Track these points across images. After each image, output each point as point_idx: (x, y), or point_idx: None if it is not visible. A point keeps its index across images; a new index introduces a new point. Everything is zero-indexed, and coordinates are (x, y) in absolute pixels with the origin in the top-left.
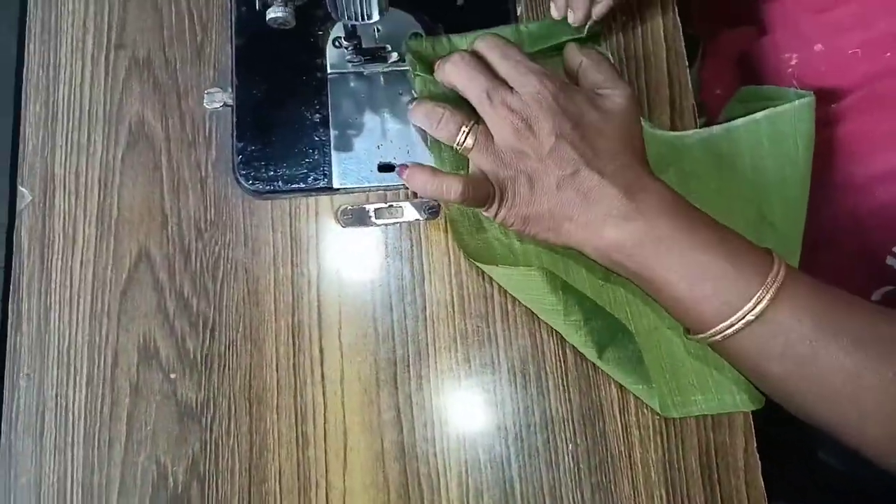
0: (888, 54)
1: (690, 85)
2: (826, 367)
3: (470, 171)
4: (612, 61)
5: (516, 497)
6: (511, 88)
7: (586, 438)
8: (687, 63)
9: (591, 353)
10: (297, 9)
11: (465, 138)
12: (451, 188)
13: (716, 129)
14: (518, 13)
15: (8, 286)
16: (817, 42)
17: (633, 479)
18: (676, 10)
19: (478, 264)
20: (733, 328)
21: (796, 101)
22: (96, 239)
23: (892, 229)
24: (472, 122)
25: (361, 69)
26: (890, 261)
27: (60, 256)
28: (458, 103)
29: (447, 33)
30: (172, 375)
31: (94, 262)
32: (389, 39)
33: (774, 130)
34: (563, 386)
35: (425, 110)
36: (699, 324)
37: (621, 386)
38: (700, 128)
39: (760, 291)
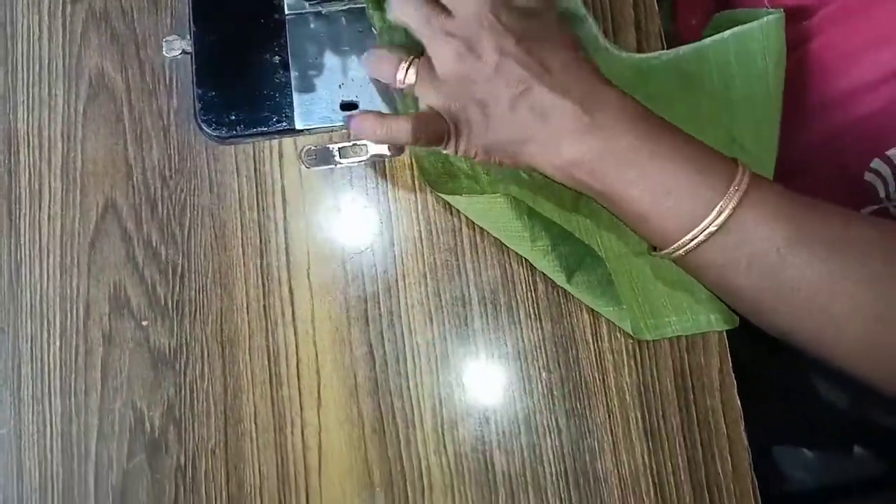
0: None
1: (656, 6)
2: (797, 277)
3: (419, 109)
4: None
5: (491, 426)
6: (450, 13)
7: (559, 365)
8: None
9: (560, 278)
10: None
11: (406, 75)
12: (400, 130)
13: (683, 49)
14: None
15: None
16: None
17: (607, 404)
18: None
19: (444, 196)
20: (696, 241)
21: (764, 18)
22: (62, 192)
23: (869, 142)
24: (411, 57)
25: (319, 8)
26: (869, 177)
27: (28, 211)
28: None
29: None
30: (144, 323)
31: (62, 215)
32: None
33: (742, 49)
34: (535, 314)
35: (366, 56)
36: (663, 239)
37: (593, 312)
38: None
39: (723, 200)
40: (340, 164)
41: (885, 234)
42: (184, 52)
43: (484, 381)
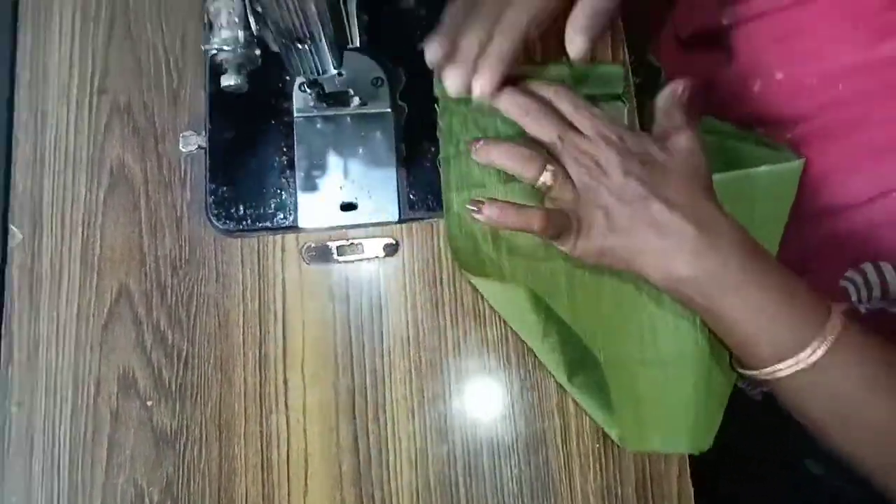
0: (840, 86)
1: (635, 123)
2: (870, 418)
3: (546, 206)
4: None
5: None
6: (580, 132)
7: (530, 465)
8: (634, 98)
9: (561, 376)
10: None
11: (548, 175)
12: (534, 219)
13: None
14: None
15: (0, 320)
16: (778, 70)
17: None
18: (626, 52)
19: (471, 278)
20: (784, 372)
21: (794, 163)
22: (80, 276)
23: (839, 260)
24: (554, 164)
25: (326, 112)
26: (843, 283)
27: (48, 292)
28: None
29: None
30: (149, 403)
31: (79, 297)
32: (351, 83)
33: (767, 192)
34: (510, 416)
35: (507, 150)
36: (754, 362)
37: (563, 416)
38: None
39: (816, 341)
40: (338, 261)
41: None
42: (199, 147)
43: (459, 477)
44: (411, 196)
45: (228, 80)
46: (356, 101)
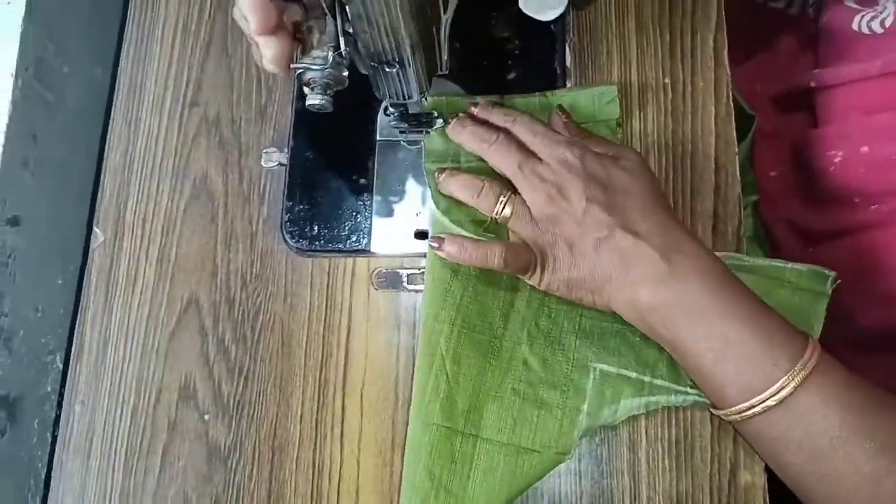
0: None
1: (738, 173)
2: (844, 467)
3: (510, 240)
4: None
5: None
6: (540, 159)
7: None
8: (736, 149)
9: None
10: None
11: (504, 207)
12: (493, 255)
13: (752, 263)
14: (568, 85)
15: (75, 318)
16: (864, 144)
17: None
18: (731, 96)
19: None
20: (751, 411)
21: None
22: (154, 282)
23: None
24: (509, 193)
25: (409, 137)
26: None
27: (122, 295)
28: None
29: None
30: (206, 416)
31: (151, 302)
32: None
33: (796, 303)
34: (576, 471)
35: (464, 182)
36: (720, 400)
37: (634, 476)
38: (745, 207)
39: (786, 377)
40: (407, 289)
41: None
42: (280, 164)
43: None
44: None
45: (314, 100)
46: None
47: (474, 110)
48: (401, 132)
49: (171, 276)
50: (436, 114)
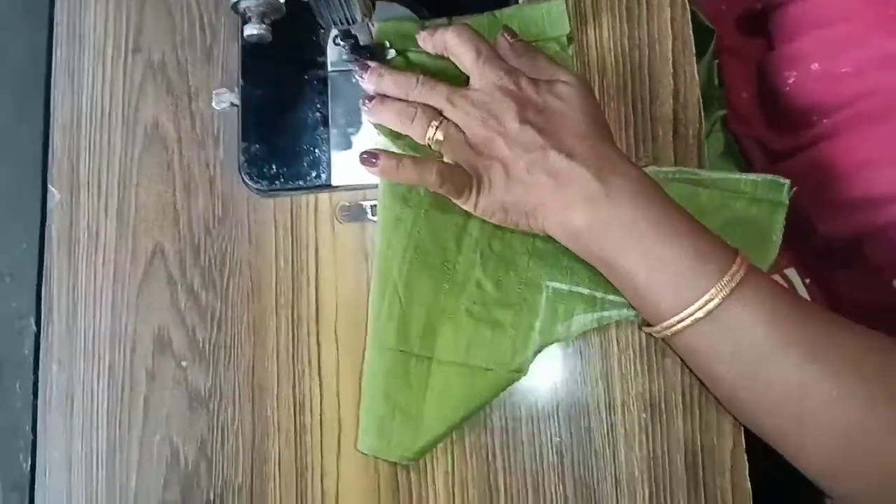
0: (874, 75)
1: (697, 76)
2: (773, 378)
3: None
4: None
5: (500, 489)
6: (471, 88)
7: (571, 434)
8: (694, 53)
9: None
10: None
11: (436, 132)
12: (429, 170)
13: (701, 174)
14: (520, 2)
15: (41, 280)
16: (814, 61)
17: (616, 476)
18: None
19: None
20: (682, 324)
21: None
22: (116, 236)
23: (892, 252)
24: (441, 118)
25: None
26: None
27: (85, 252)
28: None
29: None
30: (184, 363)
31: (115, 257)
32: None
33: (754, 212)
34: (551, 382)
35: (397, 109)
36: (654, 317)
37: (608, 383)
38: (714, 123)
39: (713, 289)
40: (372, 220)
41: (868, 352)
42: (232, 104)
43: (496, 445)
44: None
45: (251, 30)
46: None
47: (423, 34)
48: (353, 63)
49: (133, 228)
50: (388, 44)
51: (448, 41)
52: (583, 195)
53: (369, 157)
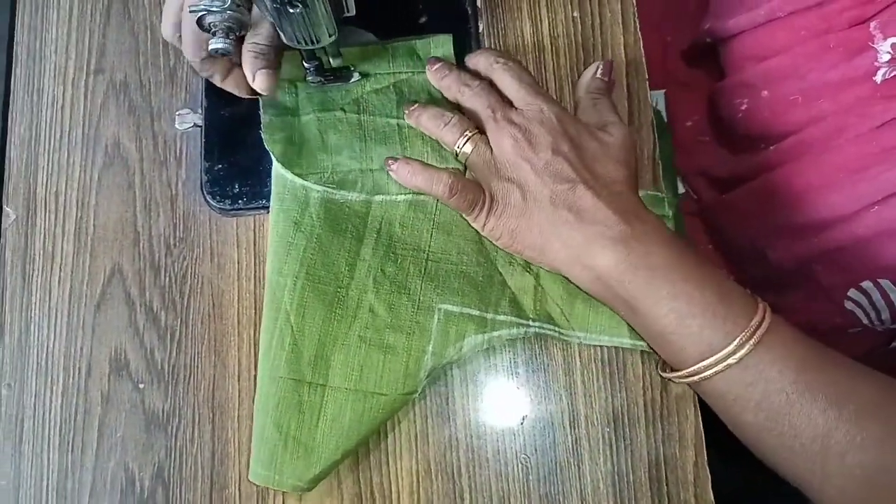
0: (822, 102)
1: (649, 98)
2: (799, 424)
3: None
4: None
5: None
6: (513, 106)
7: (536, 449)
8: (647, 76)
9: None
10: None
11: (466, 143)
12: (440, 180)
13: None
14: (479, 28)
15: None
16: (763, 89)
17: (581, 491)
18: (637, 26)
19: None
20: (713, 370)
21: (665, 209)
22: (73, 255)
23: (842, 273)
24: (475, 131)
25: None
26: (849, 305)
27: (40, 272)
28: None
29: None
30: (141, 385)
31: (72, 277)
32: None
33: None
34: (516, 397)
35: (433, 112)
36: (680, 361)
37: (572, 397)
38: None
39: (743, 334)
40: None
41: (889, 396)
42: (195, 125)
43: (461, 462)
44: None
45: (216, 44)
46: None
47: (471, 57)
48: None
49: (91, 248)
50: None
51: (496, 71)
52: (608, 235)
53: (391, 160)
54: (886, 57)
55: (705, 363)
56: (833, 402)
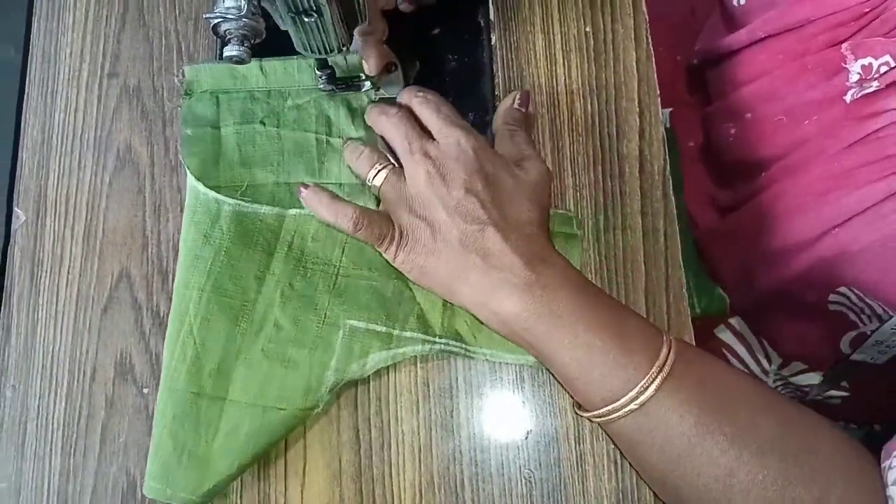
0: (806, 122)
1: (660, 114)
2: (701, 463)
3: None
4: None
5: None
6: (432, 139)
7: (540, 465)
8: (658, 92)
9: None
10: (266, 40)
11: (376, 175)
12: (345, 214)
13: None
14: (493, 41)
15: (0, 302)
16: (748, 111)
17: None
18: (649, 41)
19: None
20: (615, 414)
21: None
22: (82, 259)
23: (817, 290)
24: (387, 163)
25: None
26: (833, 307)
27: (48, 275)
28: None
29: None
30: (145, 391)
31: (79, 280)
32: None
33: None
34: (521, 412)
35: (352, 147)
36: (587, 403)
37: (577, 414)
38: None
39: (645, 380)
40: None
41: (790, 432)
42: None
43: (464, 476)
44: None
45: (231, 51)
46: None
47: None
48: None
49: (100, 251)
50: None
51: (413, 104)
52: (513, 282)
53: (301, 187)
54: (856, 77)
55: (608, 408)
56: (734, 442)
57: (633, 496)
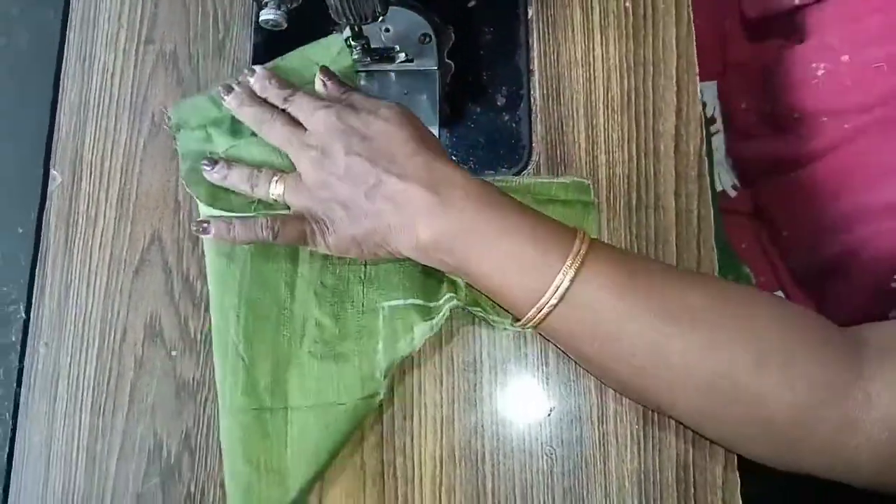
0: None
1: (698, 93)
2: (632, 343)
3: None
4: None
5: (487, 494)
6: (303, 127)
7: (562, 442)
8: (697, 70)
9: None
10: (302, 8)
11: (274, 187)
12: (259, 227)
13: (514, 192)
14: (529, 15)
15: (35, 262)
16: (844, 53)
17: (606, 488)
18: (692, 17)
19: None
20: (542, 313)
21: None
22: (115, 221)
23: (888, 260)
24: (279, 174)
25: (371, 68)
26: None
27: (82, 236)
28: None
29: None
30: (174, 353)
31: (112, 243)
32: (398, 39)
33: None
34: (544, 388)
35: (241, 175)
36: (516, 312)
37: (602, 392)
38: (713, 140)
39: (560, 274)
40: None
41: (721, 301)
42: None
43: (486, 450)
44: (454, 156)
45: (267, 15)
46: (402, 57)
47: (250, 80)
48: (363, 65)
49: (133, 214)
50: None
51: (256, 88)
52: (422, 211)
53: (200, 225)
54: None
55: (534, 309)
56: (662, 317)
57: (655, 478)
